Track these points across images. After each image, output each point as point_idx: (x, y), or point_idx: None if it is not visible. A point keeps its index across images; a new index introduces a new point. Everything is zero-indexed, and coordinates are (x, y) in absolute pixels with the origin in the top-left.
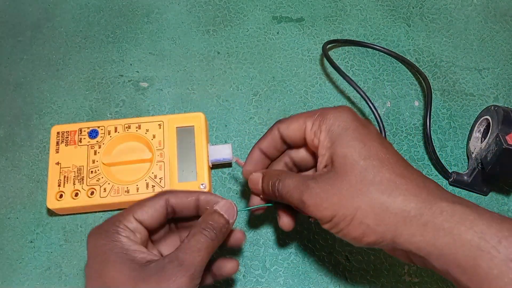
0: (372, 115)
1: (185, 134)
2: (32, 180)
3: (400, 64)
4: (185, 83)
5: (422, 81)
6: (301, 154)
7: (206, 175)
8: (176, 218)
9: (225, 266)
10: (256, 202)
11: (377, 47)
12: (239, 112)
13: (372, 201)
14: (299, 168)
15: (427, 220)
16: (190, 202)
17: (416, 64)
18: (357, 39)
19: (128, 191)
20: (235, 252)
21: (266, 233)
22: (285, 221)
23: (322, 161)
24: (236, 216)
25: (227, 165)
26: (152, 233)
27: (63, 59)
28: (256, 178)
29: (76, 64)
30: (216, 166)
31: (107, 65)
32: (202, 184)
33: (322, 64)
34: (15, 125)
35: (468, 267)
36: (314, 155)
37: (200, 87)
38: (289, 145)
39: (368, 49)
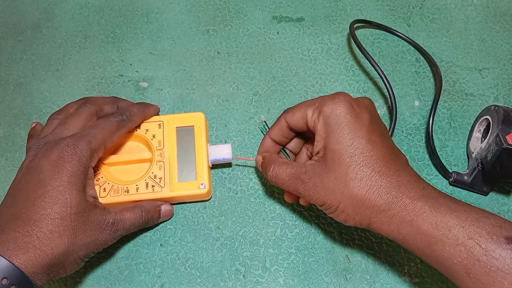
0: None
1: (185, 134)
2: None
3: (400, 64)
4: (185, 83)
5: (437, 78)
6: (292, 144)
7: (206, 175)
8: None
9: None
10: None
11: (400, 35)
12: (239, 112)
13: (351, 197)
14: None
15: (393, 214)
16: None
17: (417, 63)
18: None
19: (127, 191)
20: (234, 254)
21: (266, 233)
22: (289, 195)
23: (317, 146)
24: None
25: (227, 165)
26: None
27: (63, 59)
28: (259, 161)
29: (76, 64)
30: (216, 166)
31: (107, 65)
32: (202, 184)
33: (322, 64)
34: (15, 125)
35: (426, 251)
36: (303, 140)
37: (200, 87)
38: (295, 131)
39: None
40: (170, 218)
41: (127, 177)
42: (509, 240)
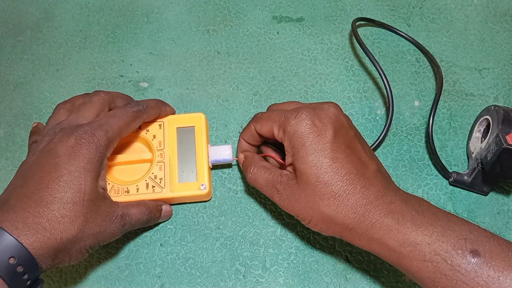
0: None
1: (185, 134)
2: None
3: (400, 64)
4: (185, 83)
5: (438, 78)
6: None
7: (207, 176)
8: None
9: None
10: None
11: (403, 34)
12: (239, 112)
13: (321, 214)
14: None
15: (361, 232)
16: None
17: (417, 63)
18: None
19: (128, 191)
20: (234, 254)
21: (266, 233)
22: None
23: (287, 161)
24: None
25: (227, 165)
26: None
27: (63, 59)
28: (240, 160)
29: (76, 64)
30: (216, 166)
31: (107, 65)
32: (202, 185)
33: (322, 64)
34: (15, 125)
35: (396, 265)
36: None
37: (200, 87)
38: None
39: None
40: (169, 219)
41: (128, 177)
42: (474, 254)
